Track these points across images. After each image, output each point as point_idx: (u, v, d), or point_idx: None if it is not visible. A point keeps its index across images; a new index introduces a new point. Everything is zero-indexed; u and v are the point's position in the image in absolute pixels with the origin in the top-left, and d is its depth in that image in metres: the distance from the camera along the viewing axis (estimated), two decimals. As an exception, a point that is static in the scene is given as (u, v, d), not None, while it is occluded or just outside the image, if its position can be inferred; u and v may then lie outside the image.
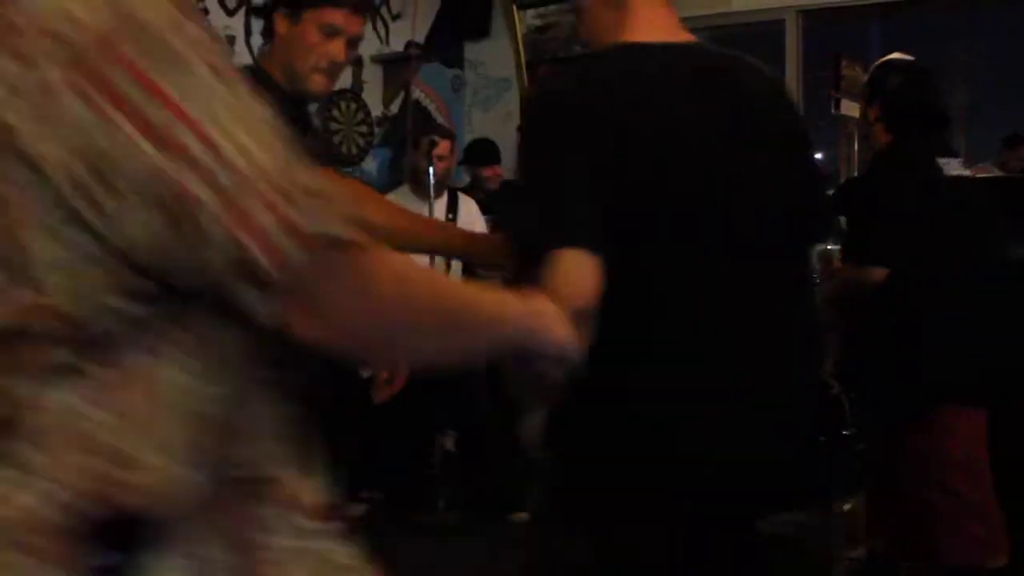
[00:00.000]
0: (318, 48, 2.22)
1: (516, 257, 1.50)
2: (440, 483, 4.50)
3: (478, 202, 4.83)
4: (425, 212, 4.20)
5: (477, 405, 4.51)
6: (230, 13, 4.87)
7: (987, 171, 5.07)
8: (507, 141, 5.90)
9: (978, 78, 5.47)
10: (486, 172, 5.19)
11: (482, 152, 5.41)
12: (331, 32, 2.24)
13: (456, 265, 4.22)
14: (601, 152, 1.38)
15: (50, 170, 0.75)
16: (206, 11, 4.71)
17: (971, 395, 2.86)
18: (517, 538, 4.03)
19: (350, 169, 5.47)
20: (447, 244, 2.26)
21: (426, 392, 4.20)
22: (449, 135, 4.90)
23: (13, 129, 0.75)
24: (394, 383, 3.39)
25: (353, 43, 2.33)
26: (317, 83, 2.27)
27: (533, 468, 4.38)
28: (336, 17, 2.24)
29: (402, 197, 4.52)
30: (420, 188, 4.48)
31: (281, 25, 2.23)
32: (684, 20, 2.67)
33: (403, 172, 5.23)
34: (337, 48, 2.25)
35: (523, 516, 4.28)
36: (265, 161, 0.78)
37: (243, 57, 4.84)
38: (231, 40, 4.87)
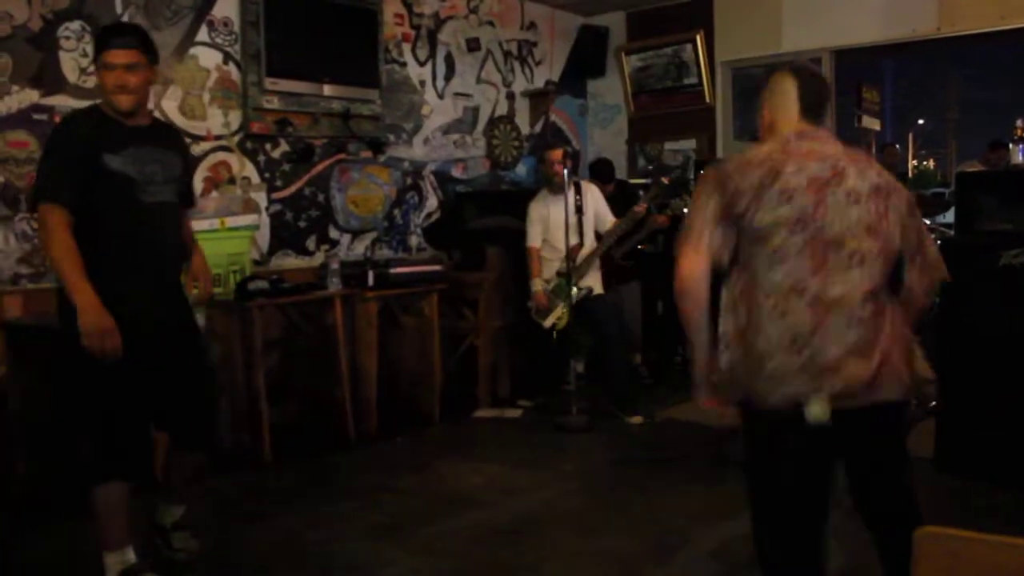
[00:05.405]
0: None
1: None
2: (574, 395, 5.02)
3: None
4: (560, 204, 5.05)
5: (606, 342, 5.13)
6: (421, 64, 6.07)
7: (974, 167, 6.23)
8: (618, 151, 7.20)
9: (967, 98, 6.27)
10: (607, 188, 5.68)
11: (602, 171, 6.04)
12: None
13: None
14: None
15: None
16: (405, 64, 5.90)
17: None
18: (630, 435, 4.83)
19: (506, 172, 6.69)
20: None
21: (565, 331, 5.01)
22: (557, 146, 5.45)
23: None
24: None
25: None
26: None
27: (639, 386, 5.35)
28: None
29: (543, 196, 5.28)
30: (551, 187, 5.20)
31: None
32: (744, 58, 3.96)
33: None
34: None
35: (638, 420, 4.99)
36: None
37: (431, 96, 6.10)
38: (422, 84, 6.04)
